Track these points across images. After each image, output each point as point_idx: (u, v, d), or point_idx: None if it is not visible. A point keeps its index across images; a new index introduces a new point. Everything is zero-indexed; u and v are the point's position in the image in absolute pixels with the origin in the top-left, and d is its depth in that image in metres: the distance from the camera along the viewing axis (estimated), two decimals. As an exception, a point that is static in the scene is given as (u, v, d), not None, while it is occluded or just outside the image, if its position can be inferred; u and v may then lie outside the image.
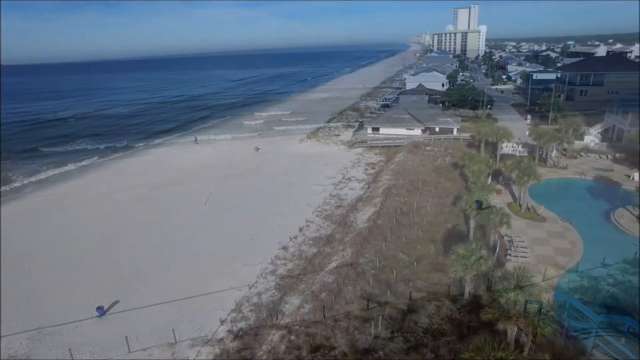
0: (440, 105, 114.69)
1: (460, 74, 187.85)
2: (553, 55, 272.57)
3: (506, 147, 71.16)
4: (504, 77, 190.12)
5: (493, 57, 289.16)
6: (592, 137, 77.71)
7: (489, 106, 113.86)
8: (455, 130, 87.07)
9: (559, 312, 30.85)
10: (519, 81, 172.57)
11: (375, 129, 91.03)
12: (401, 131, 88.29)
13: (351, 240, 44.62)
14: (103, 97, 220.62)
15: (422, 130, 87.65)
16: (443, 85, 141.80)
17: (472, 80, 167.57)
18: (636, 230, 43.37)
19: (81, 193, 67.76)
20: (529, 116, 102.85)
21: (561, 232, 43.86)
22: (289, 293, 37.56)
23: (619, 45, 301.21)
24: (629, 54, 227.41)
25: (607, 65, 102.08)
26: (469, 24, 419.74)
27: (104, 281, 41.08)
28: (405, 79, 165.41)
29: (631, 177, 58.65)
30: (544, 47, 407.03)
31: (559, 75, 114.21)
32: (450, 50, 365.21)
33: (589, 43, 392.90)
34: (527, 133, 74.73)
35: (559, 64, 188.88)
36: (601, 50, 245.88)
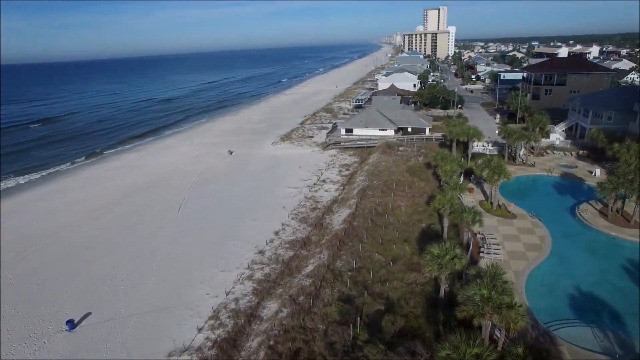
0: (412, 105, 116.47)
1: (431, 74, 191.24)
2: (519, 55, 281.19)
3: (477, 146, 72.94)
4: (473, 77, 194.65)
5: (462, 58, 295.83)
6: (557, 135, 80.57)
7: (459, 106, 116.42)
8: (427, 130, 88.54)
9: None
10: (487, 81, 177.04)
11: (349, 130, 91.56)
12: (374, 132, 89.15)
13: (327, 243, 44.70)
14: (74, 100, 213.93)
15: (395, 130, 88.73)
16: (414, 85, 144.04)
17: (442, 81, 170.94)
18: (598, 224, 45.24)
19: (49, 201, 65.39)
20: (498, 115, 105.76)
21: (531, 228, 45.25)
22: (267, 298, 37.36)
23: (578, 47, 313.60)
24: (587, 55, 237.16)
25: (569, 66, 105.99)
26: (438, 24, 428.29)
27: (75, 292, 39.76)
28: (377, 79, 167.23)
29: (593, 173, 61.12)
30: (510, 48, 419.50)
31: (525, 75, 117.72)
32: (420, 51, 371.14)
33: (551, 44, 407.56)
34: (497, 132, 76.70)
35: (524, 64, 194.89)
36: (563, 51, 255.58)
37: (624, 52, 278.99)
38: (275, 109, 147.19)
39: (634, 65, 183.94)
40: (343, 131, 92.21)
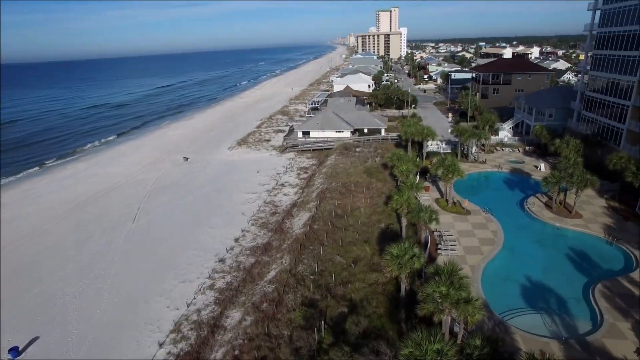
0: (368, 106, 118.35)
1: (385, 74, 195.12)
2: (468, 55, 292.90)
3: (431, 145, 75.15)
4: (425, 77, 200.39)
5: (415, 58, 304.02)
6: (505, 132, 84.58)
7: (413, 106, 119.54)
8: (383, 131, 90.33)
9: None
10: (439, 81, 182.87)
11: (306, 133, 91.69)
12: (331, 134, 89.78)
13: (289, 247, 44.56)
14: (14, 107, 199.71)
15: (351, 132, 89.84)
16: (369, 86, 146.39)
17: (396, 81, 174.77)
18: (544, 216, 47.95)
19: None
20: (450, 114, 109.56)
21: (484, 223, 47.21)
22: (230, 307, 36.79)
23: (521, 47, 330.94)
24: (529, 55, 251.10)
25: (514, 66, 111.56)
26: (390, 26, 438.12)
27: (19, 316, 37.26)
28: (332, 81, 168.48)
29: (539, 168, 64.73)
30: (459, 48, 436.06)
31: (474, 75, 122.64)
32: (374, 52, 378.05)
33: (497, 44, 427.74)
34: (450, 131, 79.31)
35: (473, 64, 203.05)
36: (507, 52, 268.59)
37: (560, 52, 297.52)
38: (231, 112, 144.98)
39: (570, 65, 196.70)
40: (300, 134, 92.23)
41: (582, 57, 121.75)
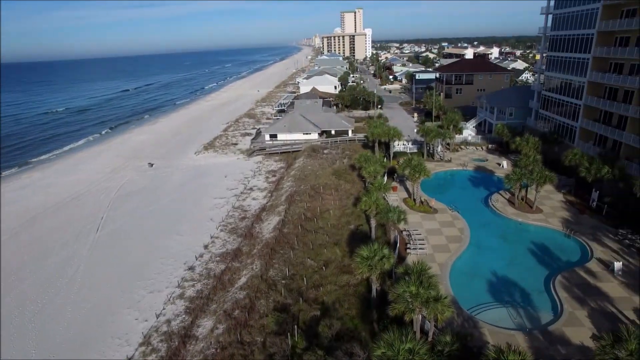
0: (334, 107, 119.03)
1: (351, 75, 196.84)
2: (431, 56, 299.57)
3: (398, 145, 76.36)
4: (391, 77, 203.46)
5: (380, 59, 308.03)
6: (469, 131, 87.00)
7: (379, 106, 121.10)
8: (350, 132, 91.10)
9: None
10: (404, 81, 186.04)
11: (273, 136, 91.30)
12: (299, 136, 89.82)
13: (259, 252, 44.27)
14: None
15: (318, 134, 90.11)
16: (335, 87, 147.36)
17: (362, 82, 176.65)
18: (508, 212, 49.70)
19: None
20: (415, 114, 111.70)
21: (451, 221, 48.39)
22: (201, 315, 36.15)
23: (482, 48, 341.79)
24: (489, 56, 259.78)
25: (475, 67, 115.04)
26: (355, 27, 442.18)
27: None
28: (299, 82, 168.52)
29: (501, 165, 66.97)
30: (423, 48, 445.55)
31: (438, 75, 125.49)
32: (339, 52, 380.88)
33: (459, 45, 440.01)
34: (415, 131, 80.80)
35: (437, 64, 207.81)
36: (469, 52, 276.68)
37: (518, 53, 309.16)
38: (197, 116, 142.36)
39: (527, 65, 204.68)
40: (267, 137, 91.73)
41: (538, 57, 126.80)
